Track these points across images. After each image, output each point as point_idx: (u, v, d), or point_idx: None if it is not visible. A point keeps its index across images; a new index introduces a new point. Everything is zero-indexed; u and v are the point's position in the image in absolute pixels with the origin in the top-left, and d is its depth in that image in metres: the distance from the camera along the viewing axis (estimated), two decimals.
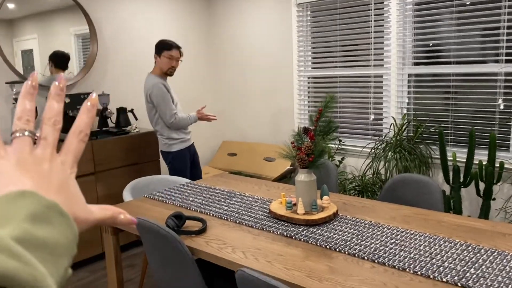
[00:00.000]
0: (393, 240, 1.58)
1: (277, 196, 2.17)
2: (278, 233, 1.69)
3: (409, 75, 3.23)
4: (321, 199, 1.87)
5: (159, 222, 1.67)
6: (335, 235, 1.64)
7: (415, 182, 2.08)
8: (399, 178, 2.14)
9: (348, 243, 1.57)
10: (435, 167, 3.07)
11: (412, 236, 1.61)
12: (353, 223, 1.76)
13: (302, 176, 1.81)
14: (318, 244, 1.57)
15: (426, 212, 1.86)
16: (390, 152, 2.99)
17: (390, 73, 3.29)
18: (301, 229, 1.71)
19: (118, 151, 3.16)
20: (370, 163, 3.13)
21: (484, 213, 2.70)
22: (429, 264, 1.39)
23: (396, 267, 1.38)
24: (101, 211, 0.41)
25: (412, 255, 1.46)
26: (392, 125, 3.20)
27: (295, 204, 1.89)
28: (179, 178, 2.68)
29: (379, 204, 1.99)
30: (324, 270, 1.39)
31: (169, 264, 1.67)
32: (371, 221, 1.77)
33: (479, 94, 2.92)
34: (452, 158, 2.93)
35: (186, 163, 3.11)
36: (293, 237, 1.64)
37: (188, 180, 2.64)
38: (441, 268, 1.36)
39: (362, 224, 1.74)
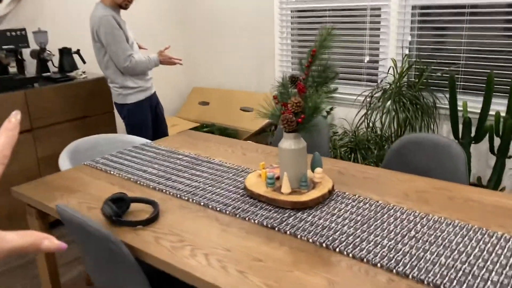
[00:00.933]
0: (412, 232, 1.18)
1: (255, 164, 1.73)
2: (256, 221, 1.26)
3: (413, 7, 2.72)
4: (313, 171, 1.44)
5: (88, 209, 1.22)
6: (333, 225, 1.22)
7: (431, 144, 1.65)
8: (409, 139, 1.71)
9: (351, 238, 1.16)
10: (440, 118, 2.66)
11: (437, 226, 1.20)
12: (354, 204, 1.34)
13: (287, 143, 1.36)
14: (310, 239, 1.16)
15: (448, 186, 1.45)
16: (388, 102, 2.55)
17: (390, 5, 2.77)
18: (287, 214, 1.29)
19: (61, 102, 2.63)
20: (364, 115, 2.70)
21: (498, 173, 2.34)
22: (471, 277, 0.99)
23: (425, 281, 0.98)
24: (19, 239, 0.39)
25: (443, 259, 1.06)
26: (391, 68, 2.73)
27: (278, 178, 1.46)
28: (134, 138, 2.20)
29: (385, 173, 1.58)
30: (322, 286, 0.99)
31: (104, 269, 1.24)
32: (378, 201, 1.35)
33: (499, 30, 2.46)
34: (462, 109, 2.52)
35: (146, 118, 2.61)
36: (276, 228, 1.22)
37: (146, 141, 2.17)
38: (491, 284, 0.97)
39: (367, 205, 1.33)
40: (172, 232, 1.24)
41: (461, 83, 2.63)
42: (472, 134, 2.43)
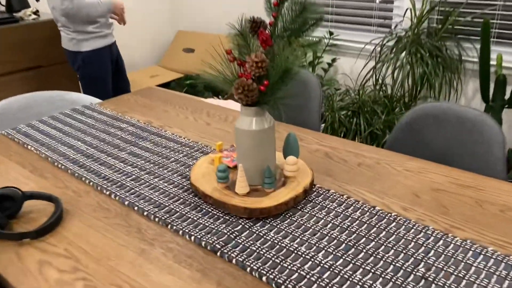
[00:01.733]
0: (421, 268, 0.78)
1: (218, 140, 1.32)
2: (192, 238, 0.87)
3: None
4: (285, 159, 1.03)
5: None
6: (303, 248, 0.83)
7: (456, 119, 1.22)
8: (426, 110, 1.28)
9: (329, 274, 0.77)
10: (466, 75, 2.19)
11: (460, 258, 0.80)
12: (340, 211, 0.94)
13: (245, 122, 0.94)
14: (268, 274, 0.77)
15: (477, 181, 1.04)
16: (402, 53, 2.08)
17: None
18: (239, 228, 0.90)
19: (7, 48, 2.20)
20: (372, 69, 2.23)
21: None
22: None
23: None
24: None
25: None
26: (409, 11, 2.23)
27: (236, 167, 1.06)
28: (80, 97, 1.79)
29: (390, 158, 1.16)
30: None
31: None
32: (374, 207, 0.95)
33: None
34: (495, 63, 2.04)
35: (105, 70, 2.18)
36: (218, 252, 0.83)
37: (90, 101, 1.76)
38: None
39: (358, 213, 0.93)
40: (68, 252, 0.86)
41: (497, 30, 2.13)
42: (506, 96, 1.98)
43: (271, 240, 0.86)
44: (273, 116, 0.90)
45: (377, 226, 0.89)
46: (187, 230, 0.89)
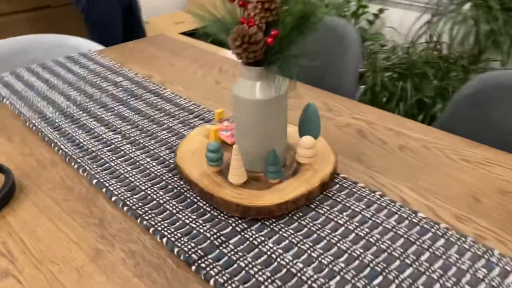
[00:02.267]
0: None
1: (226, 105, 1.09)
2: (165, 240, 0.66)
3: None
4: (300, 141, 0.78)
5: None
6: (314, 274, 0.60)
7: None
8: (496, 79, 0.98)
9: None
10: None
11: None
12: (368, 218, 0.70)
13: (245, 88, 0.69)
14: None
15: None
16: (466, 4, 1.72)
17: None
18: (228, 231, 0.67)
19: None
20: (427, 24, 1.88)
21: None
22: None
23: None
24: None
25: None
26: None
27: (234, 145, 0.82)
28: (79, 41, 1.58)
29: (442, 139, 0.89)
30: None
31: None
32: (416, 212, 0.70)
33: None
34: None
35: (113, 14, 1.95)
36: (194, 266, 0.61)
37: (89, 48, 1.54)
38: None
39: (393, 221, 0.68)
40: (5, 247, 0.67)
41: None
42: None
43: (268, 252, 0.63)
44: (290, 77, 0.65)
45: (418, 242, 0.64)
46: (160, 228, 0.68)
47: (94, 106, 1.07)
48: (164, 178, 0.80)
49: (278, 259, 0.62)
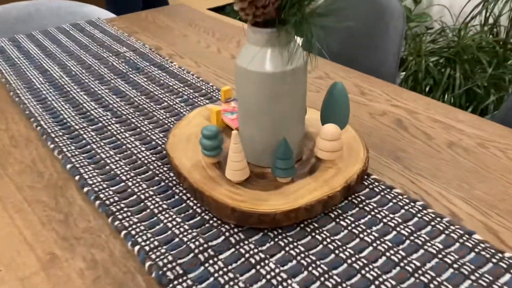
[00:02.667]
0: None
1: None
2: (136, 249, 0.52)
3: None
4: (322, 128, 0.62)
5: None
6: None
7: None
8: None
9: None
10: None
11: None
12: (406, 236, 0.53)
13: (250, 57, 0.53)
14: None
15: None
16: None
17: None
18: (220, 241, 0.52)
19: None
20: (482, 3, 1.65)
21: None
22: None
23: None
24: None
25: None
26: None
27: (233, 131, 0.66)
28: (88, 8, 1.45)
29: (502, 137, 0.71)
30: None
31: None
32: (471, 235, 0.53)
33: None
34: None
35: None
36: (168, 287, 0.47)
37: (98, 15, 1.41)
38: None
39: (440, 247, 0.51)
40: None
41: None
42: None
43: (268, 276, 0.48)
44: (310, 42, 0.49)
45: (473, 277, 0.47)
46: (134, 233, 0.53)
47: (89, 78, 0.94)
48: (151, 167, 0.65)
49: (280, 287, 0.46)
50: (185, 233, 0.53)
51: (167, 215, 0.56)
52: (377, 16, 1.09)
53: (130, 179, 0.63)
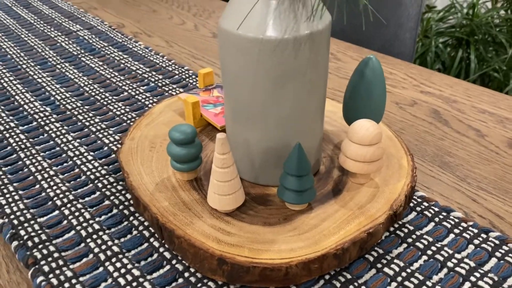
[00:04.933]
0: None
1: (218, 66, 0.74)
2: None
3: None
4: (349, 124, 0.44)
5: None
6: None
7: None
8: None
9: None
10: None
11: None
12: (482, 273, 0.35)
13: (242, 18, 0.34)
14: None
15: None
16: None
17: None
18: None
19: None
20: None
21: None
22: None
23: None
24: None
25: None
26: None
27: (218, 134, 0.47)
28: None
29: None
30: None
31: None
32: None
33: None
34: None
35: None
36: None
37: None
38: None
39: None
40: None
41: None
42: None
43: None
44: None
45: None
46: None
47: (29, 63, 0.73)
48: (100, 185, 0.46)
49: None
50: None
51: (119, 265, 0.37)
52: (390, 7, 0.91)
53: (68, 205, 0.43)
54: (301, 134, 0.38)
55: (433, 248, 0.38)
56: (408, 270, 0.36)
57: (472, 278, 0.36)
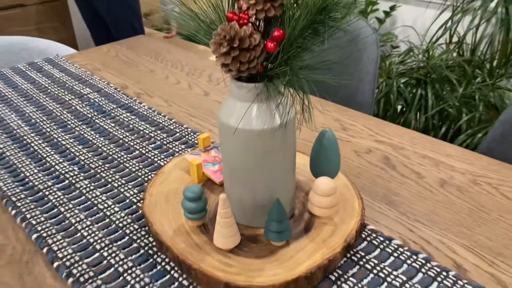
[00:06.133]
0: None
1: (214, 121, 0.89)
2: None
3: None
4: (315, 177, 0.59)
5: None
6: None
7: None
8: None
9: None
10: None
11: None
12: None
13: (236, 113, 0.49)
14: None
15: None
16: (493, 1, 1.53)
17: None
18: None
19: None
20: (447, 22, 1.69)
21: None
22: None
23: None
24: None
25: None
26: None
27: (221, 195, 0.61)
28: (49, 46, 1.38)
29: (494, 171, 0.69)
30: None
31: None
32: None
33: None
34: None
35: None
36: None
37: (65, 51, 1.34)
38: None
39: None
40: None
41: None
42: None
43: None
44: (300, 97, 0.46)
45: None
46: None
47: (51, 126, 0.87)
48: (127, 231, 0.60)
49: None
50: None
51: None
52: (350, 44, 1.08)
53: (105, 248, 0.57)
54: (280, 190, 0.53)
55: (378, 268, 0.53)
56: (359, 285, 0.51)
57: None
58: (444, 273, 0.52)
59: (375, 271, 0.52)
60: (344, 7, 0.41)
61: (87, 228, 0.60)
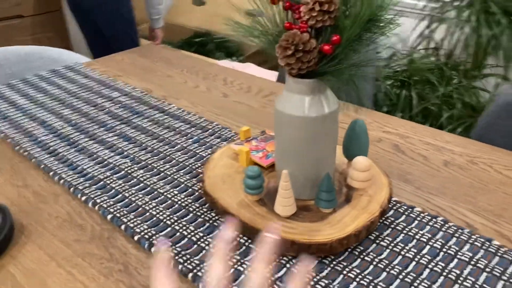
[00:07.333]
0: None
1: (243, 119, 0.99)
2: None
3: None
4: (349, 160, 0.70)
5: None
6: None
7: None
8: None
9: None
10: None
11: None
12: (439, 248, 0.61)
13: (292, 104, 0.60)
14: None
15: None
16: (466, 11, 1.70)
17: None
18: (284, 270, 0.58)
19: None
20: (425, 30, 1.85)
21: None
22: None
23: None
24: None
25: None
26: None
27: (272, 167, 0.72)
28: (62, 54, 1.45)
29: (486, 153, 0.83)
30: None
31: None
32: (491, 241, 0.62)
33: None
34: None
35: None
36: None
37: (79, 59, 1.41)
38: None
39: (469, 255, 0.60)
40: None
41: None
42: None
43: None
44: (347, 90, 0.57)
45: (504, 277, 0.56)
46: (200, 274, 0.57)
47: (92, 125, 0.96)
48: (191, 209, 0.69)
49: None
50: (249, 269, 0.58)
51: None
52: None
53: (176, 223, 0.66)
54: (325, 167, 0.64)
55: (407, 229, 0.64)
56: (395, 242, 0.62)
57: (430, 243, 0.62)
58: (460, 231, 0.64)
59: (405, 231, 0.64)
60: (387, 18, 0.52)
61: (154, 208, 0.70)
